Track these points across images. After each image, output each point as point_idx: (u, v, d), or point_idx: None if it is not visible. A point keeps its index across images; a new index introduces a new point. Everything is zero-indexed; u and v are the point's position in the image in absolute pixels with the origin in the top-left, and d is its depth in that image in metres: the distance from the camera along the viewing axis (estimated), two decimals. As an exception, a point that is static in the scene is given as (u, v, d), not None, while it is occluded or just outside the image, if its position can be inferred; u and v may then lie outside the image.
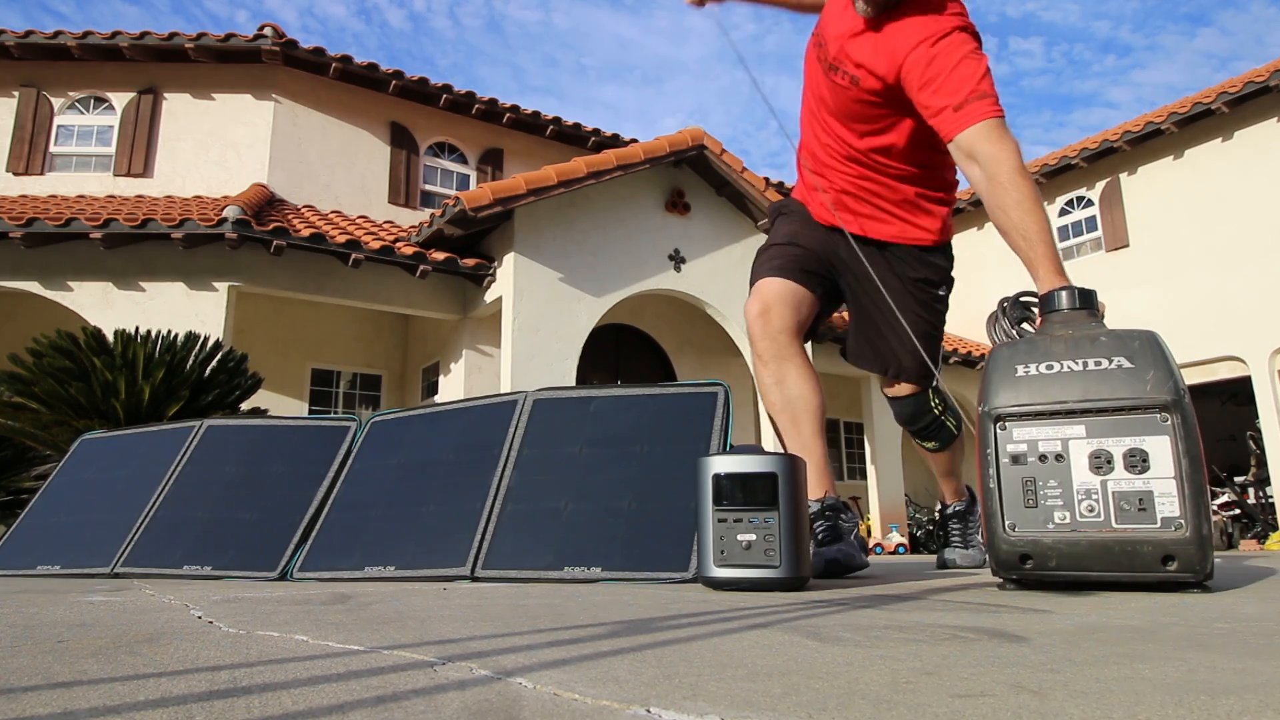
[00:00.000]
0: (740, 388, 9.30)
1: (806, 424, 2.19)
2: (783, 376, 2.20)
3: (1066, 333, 1.52)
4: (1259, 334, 9.59)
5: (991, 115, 1.85)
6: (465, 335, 8.05)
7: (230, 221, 6.57)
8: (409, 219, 9.45)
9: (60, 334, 4.29)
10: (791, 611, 1.13)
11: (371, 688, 0.60)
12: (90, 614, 1.17)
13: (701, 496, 1.54)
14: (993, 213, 1.83)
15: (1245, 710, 0.51)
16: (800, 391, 2.19)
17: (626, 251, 8.16)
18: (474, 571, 2.00)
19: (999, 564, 1.46)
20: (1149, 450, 1.38)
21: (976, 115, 1.85)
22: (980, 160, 1.84)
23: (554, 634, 0.92)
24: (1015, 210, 1.77)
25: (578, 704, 0.54)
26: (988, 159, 1.82)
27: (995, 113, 1.86)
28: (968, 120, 1.86)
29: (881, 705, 0.53)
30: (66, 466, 2.95)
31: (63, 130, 8.99)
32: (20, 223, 6.44)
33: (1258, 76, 9.63)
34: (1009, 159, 1.80)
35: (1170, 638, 0.85)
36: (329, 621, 1.05)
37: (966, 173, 1.90)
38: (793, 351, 2.22)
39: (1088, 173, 11.41)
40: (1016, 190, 1.78)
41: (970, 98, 1.86)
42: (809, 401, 2.19)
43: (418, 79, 9.53)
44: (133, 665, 0.71)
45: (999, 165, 1.81)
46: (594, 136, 10.60)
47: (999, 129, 1.85)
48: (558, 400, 2.34)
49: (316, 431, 2.67)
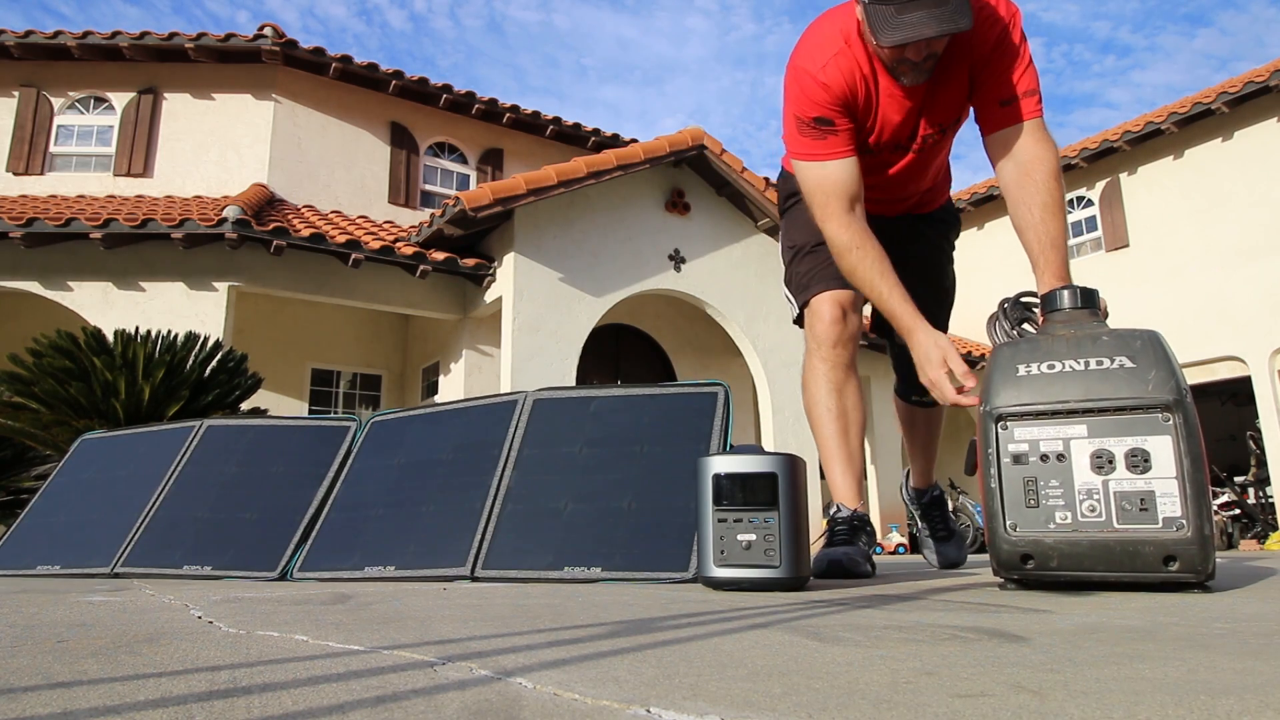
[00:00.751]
0: (740, 388, 9.30)
1: (855, 435, 2.24)
2: (845, 384, 2.22)
3: (1068, 332, 1.52)
4: (1259, 334, 9.58)
5: (1036, 114, 1.88)
6: (465, 335, 8.05)
7: (230, 221, 6.57)
8: (409, 219, 9.45)
9: (60, 334, 4.29)
10: (791, 611, 1.13)
11: (371, 688, 0.60)
12: (90, 614, 1.17)
13: (701, 496, 1.53)
14: (1015, 208, 1.85)
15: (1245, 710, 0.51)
16: (855, 403, 2.23)
17: (626, 251, 8.16)
18: (474, 571, 2.00)
19: (1000, 564, 1.45)
20: (1151, 450, 1.38)
21: (1022, 113, 1.88)
22: (1018, 157, 1.86)
23: (554, 634, 0.92)
24: (1040, 210, 1.80)
25: (578, 704, 0.54)
26: (1027, 157, 1.85)
27: (1038, 112, 1.89)
28: (1014, 118, 1.88)
29: (881, 705, 0.53)
30: (66, 466, 2.95)
31: (63, 130, 8.99)
32: (20, 223, 6.44)
33: (1258, 76, 9.63)
34: (1048, 160, 1.84)
35: (1170, 638, 0.85)
36: (329, 621, 1.05)
37: (998, 167, 1.92)
38: (855, 361, 2.26)
39: (1088, 173, 11.41)
40: (1047, 192, 1.80)
41: (1017, 93, 1.88)
42: (860, 414, 2.24)
43: (418, 79, 9.54)
44: (133, 665, 0.71)
45: (1037, 164, 1.84)
46: (594, 136, 10.60)
47: (1041, 129, 1.88)
48: (558, 400, 2.34)
49: (316, 431, 2.67)
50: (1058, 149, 1.87)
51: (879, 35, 1.74)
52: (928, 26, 1.69)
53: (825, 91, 1.93)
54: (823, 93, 1.93)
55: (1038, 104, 1.88)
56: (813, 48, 1.96)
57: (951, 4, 1.69)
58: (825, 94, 1.93)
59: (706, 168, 8.56)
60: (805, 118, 1.96)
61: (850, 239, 1.94)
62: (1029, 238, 1.79)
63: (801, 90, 1.96)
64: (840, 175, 1.96)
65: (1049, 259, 1.74)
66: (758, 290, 8.75)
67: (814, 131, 1.96)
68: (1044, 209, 1.78)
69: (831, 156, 1.97)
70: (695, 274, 8.52)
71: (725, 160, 8.38)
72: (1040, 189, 1.80)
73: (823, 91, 1.93)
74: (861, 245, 1.93)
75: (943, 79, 1.95)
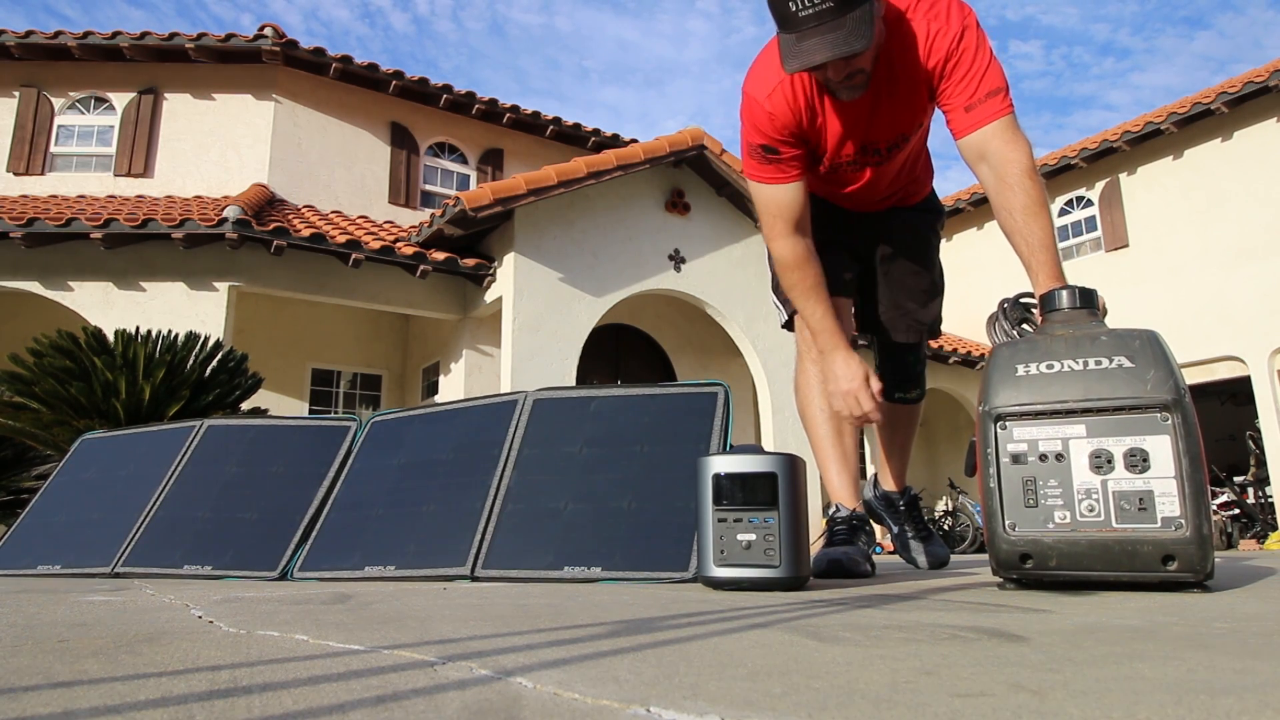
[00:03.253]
0: (740, 388, 9.30)
1: (850, 436, 2.25)
2: None
3: (1067, 332, 1.52)
4: (1259, 334, 9.58)
5: (1001, 114, 1.83)
6: (465, 335, 8.05)
7: (230, 221, 6.57)
8: (409, 219, 9.45)
9: (61, 334, 4.29)
10: (791, 611, 1.13)
11: (372, 687, 0.60)
12: (90, 614, 1.17)
13: (701, 496, 1.54)
14: (998, 214, 1.83)
15: (1245, 710, 0.51)
16: None
17: (626, 251, 8.16)
18: (474, 571, 2.00)
19: (999, 564, 1.46)
20: (1149, 450, 1.38)
21: (987, 116, 1.84)
22: (990, 160, 1.83)
23: (554, 634, 0.92)
24: (1020, 215, 1.76)
25: (578, 703, 0.54)
26: (998, 160, 1.81)
27: (1005, 110, 1.84)
28: (979, 121, 1.85)
29: (881, 705, 0.53)
30: (67, 466, 2.95)
31: (63, 130, 8.99)
32: (21, 223, 6.45)
33: (1257, 77, 9.63)
34: (1019, 160, 1.79)
35: (1170, 638, 0.85)
36: (329, 621, 1.05)
37: (976, 172, 1.89)
38: None
39: (1088, 173, 11.41)
40: (1024, 194, 1.77)
41: (981, 96, 1.85)
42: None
43: (418, 79, 9.54)
44: (133, 665, 0.71)
45: (1008, 166, 1.80)
46: (594, 137, 10.60)
47: (1009, 128, 1.83)
48: (558, 400, 2.34)
49: (317, 431, 2.67)
50: (1030, 145, 1.83)
51: (784, 63, 1.77)
52: (819, 53, 1.71)
53: (770, 121, 1.98)
54: (768, 121, 1.98)
55: (1004, 101, 1.84)
56: (762, 71, 2.00)
57: (847, 28, 1.69)
58: (770, 123, 1.98)
59: (706, 168, 8.56)
60: (754, 144, 2.03)
61: (792, 259, 2.07)
62: (1016, 242, 1.78)
63: (749, 117, 2.01)
64: (786, 199, 2.05)
65: (1039, 260, 1.73)
66: (758, 290, 8.75)
67: (762, 156, 2.03)
68: (1024, 211, 1.76)
69: (777, 181, 2.05)
70: (695, 274, 8.53)
71: (725, 160, 8.38)
72: (1017, 191, 1.78)
73: (768, 120, 1.98)
74: (801, 266, 2.06)
75: (889, 92, 1.95)
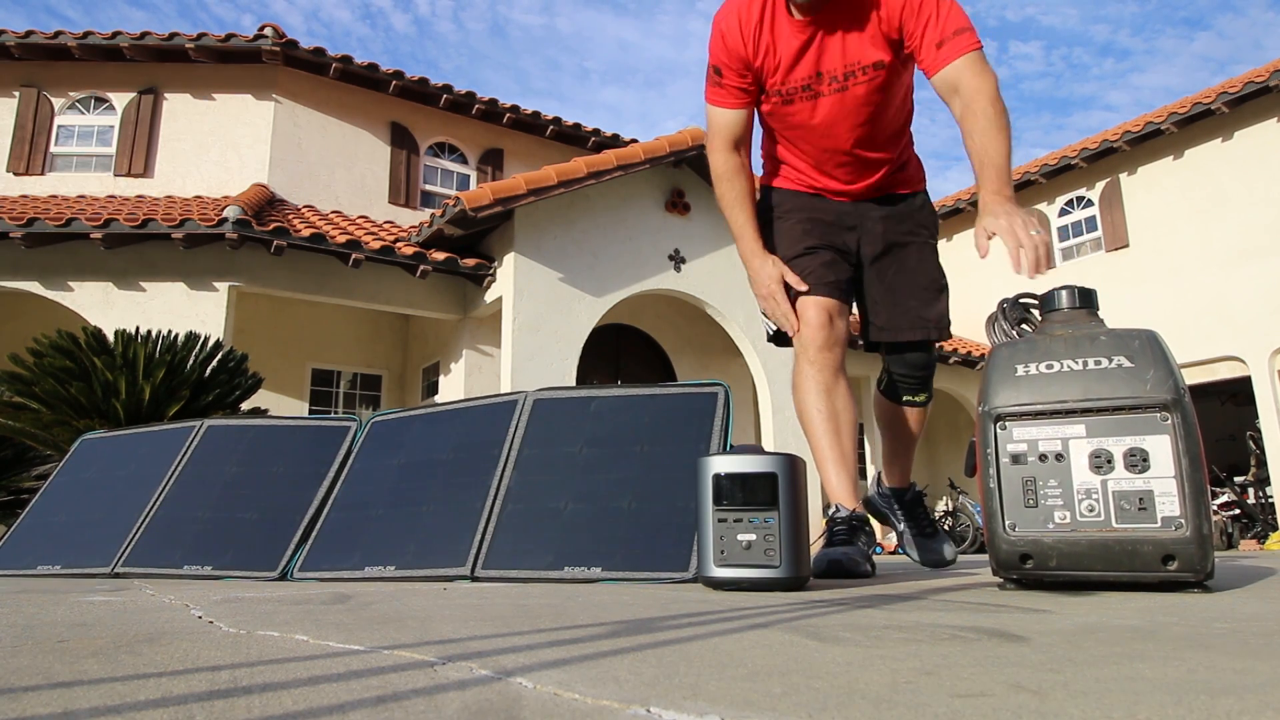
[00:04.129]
0: (740, 388, 9.30)
1: (848, 436, 2.25)
2: (834, 386, 2.25)
3: (1066, 332, 1.52)
4: (1259, 334, 9.58)
5: (971, 49, 1.96)
6: (465, 335, 8.05)
7: (230, 221, 6.57)
8: (409, 219, 9.45)
9: (61, 334, 4.29)
10: (791, 611, 1.13)
11: (372, 687, 0.60)
12: (90, 614, 1.17)
13: (701, 496, 1.54)
14: (965, 139, 1.93)
15: (1245, 710, 0.51)
16: (846, 405, 2.26)
17: (626, 251, 8.16)
18: (474, 571, 2.00)
19: (999, 564, 1.45)
20: (1149, 450, 1.38)
21: (957, 50, 1.95)
22: (961, 92, 1.94)
23: (554, 634, 0.92)
24: (979, 135, 1.87)
25: (578, 704, 0.54)
26: (968, 91, 1.92)
27: (974, 45, 1.96)
28: (949, 56, 1.96)
29: (881, 705, 0.53)
30: (67, 466, 2.95)
31: (63, 130, 8.99)
32: (21, 223, 6.45)
33: (1257, 77, 9.64)
34: (986, 89, 1.92)
35: (1170, 638, 0.85)
36: (329, 621, 1.05)
37: (948, 103, 1.99)
38: (842, 364, 2.29)
39: (1088, 173, 11.41)
40: (984, 117, 1.88)
41: (949, 33, 1.96)
42: (851, 415, 2.27)
43: (418, 79, 9.54)
44: (133, 665, 0.71)
45: (977, 95, 1.91)
46: (594, 137, 10.60)
47: (979, 62, 1.96)
48: (558, 400, 2.34)
49: (317, 431, 2.67)
50: (996, 77, 1.95)
51: None
52: None
53: (721, 41, 2.17)
54: (719, 42, 2.17)
55: (972, 38, 1.96)
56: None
57: None
58: (721, 43, 2.17)
59: (706, 168, 8.54)
60: (710, 63, 2.23)
61: (724, 170, 2.34)
62: (973, 162, 1.89)
63: (711, 37, 2.22)
64: (726, 120, 2.29)
65: (985, 176, 1.83)
66: (758, 290, 8.74)
67: (714, 78, 2.23)
68: (983, 133, 1.87)
69: (721, 104, 2.27)
70: (695, 274, 8.53)
71: (725, 160, 8.37)
72: (980, 115, 1.88)
73: (719, 41, 2.17)
74: (731, 178, 2.33)
75: (843, 18, 2.06)
